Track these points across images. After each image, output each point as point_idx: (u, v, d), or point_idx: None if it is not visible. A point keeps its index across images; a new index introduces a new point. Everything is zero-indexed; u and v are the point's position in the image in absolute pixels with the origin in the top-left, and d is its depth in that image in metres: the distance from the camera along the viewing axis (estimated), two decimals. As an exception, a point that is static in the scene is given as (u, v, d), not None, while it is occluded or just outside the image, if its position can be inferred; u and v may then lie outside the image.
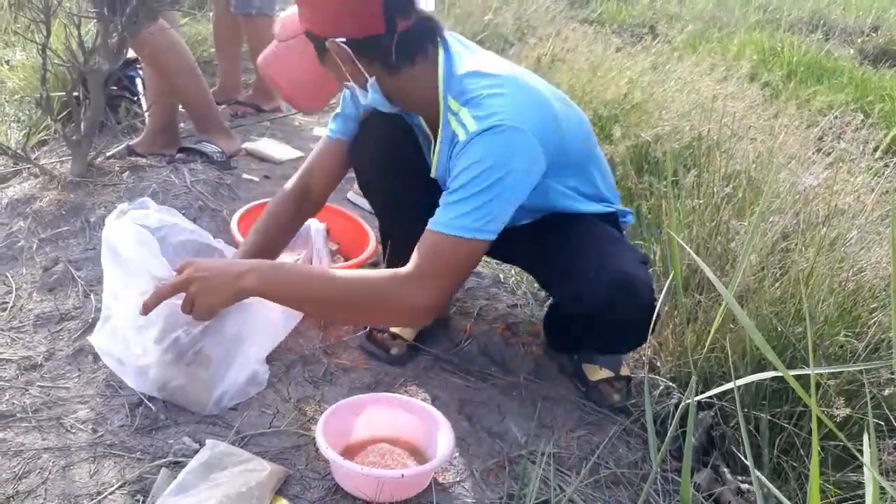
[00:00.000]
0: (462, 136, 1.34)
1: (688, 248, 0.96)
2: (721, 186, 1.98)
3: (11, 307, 1.65)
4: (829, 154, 2.06)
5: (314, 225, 1.73)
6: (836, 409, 1.24)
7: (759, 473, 0.84)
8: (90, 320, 1.61)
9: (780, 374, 1.54)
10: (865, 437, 0.85)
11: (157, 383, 1.39)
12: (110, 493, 1.22)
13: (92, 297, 1.69)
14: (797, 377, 1.46)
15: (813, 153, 2.13)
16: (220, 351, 1.44)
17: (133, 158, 2.23)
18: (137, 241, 1.39)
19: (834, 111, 2.38)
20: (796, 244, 1.60)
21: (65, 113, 2.43)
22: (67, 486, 1.23)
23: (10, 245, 1.82)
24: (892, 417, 1.21)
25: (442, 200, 1.36)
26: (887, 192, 1.84)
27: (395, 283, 1.33)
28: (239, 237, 1.80)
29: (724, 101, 2.37)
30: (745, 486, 1.53)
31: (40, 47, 1.92)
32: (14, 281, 1.73)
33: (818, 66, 5.48)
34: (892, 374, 1.31)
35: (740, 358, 1.56)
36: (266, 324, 1.52)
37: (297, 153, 2.76)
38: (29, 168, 2.15)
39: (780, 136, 2.09)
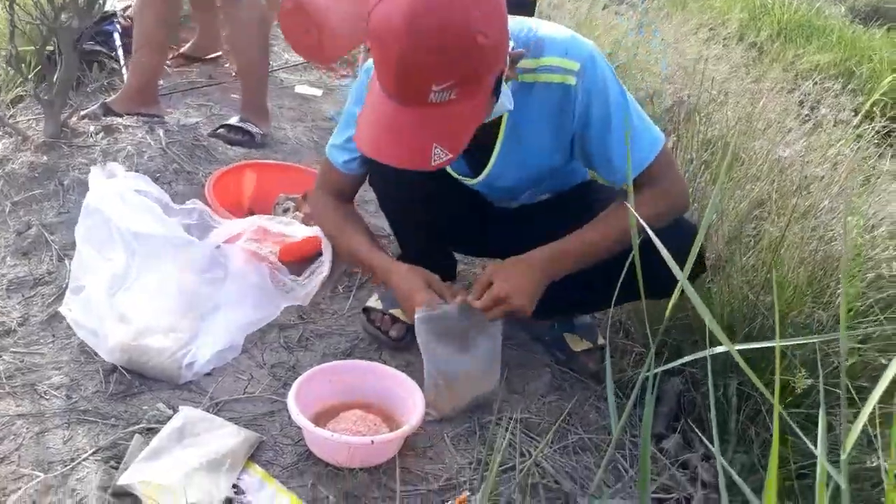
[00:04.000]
0: (573, 80, 1.25)
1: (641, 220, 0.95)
2: (699, 153, 1.98)
3: (-16, 272, 1.64)
4: (808, 121, 2.06)
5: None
6: (797, 379, 1.27)
7: (723, 462, 0.86)
8: (64, 286, 1.60)
9: (753, 344, 1.57)
10: (821, 411, 0.87)
11: (126, 359, 1.40)
12: (84, 459, 1.23)
13: (66, 261, 1.68)
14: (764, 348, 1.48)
15: (792, 119, 2.13)
16: (192, 323, 1.45)
17: (108, 119, 2.19)
18: (142, 209, 1.40)
19: (815, 76, 2.37)
20: (769, 213, 1.61)
21: (37, 69, 2.38)
22: (41, 452, 1.24)
23: (-17, 208, 1.81)
24: (850, 386, 1.24)
25: (612, 148, 1.30)
26: (863, 159, 1.85)
27: (663, 203, 1.32)
28: (214, 201, 1.78)
29: (708, 64, 2.35)
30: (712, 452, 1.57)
31: (7, 2, 1.88)
32: (-13, 245, 1.72)
33: (808, 24, 5.43)
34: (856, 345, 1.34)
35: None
36: (247, 296, 1.52)
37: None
38: (3, 127, 2.12)
39: (761, 101, 2.08)
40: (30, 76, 2.16)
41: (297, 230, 1.70)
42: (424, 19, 1.02)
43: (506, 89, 1.24)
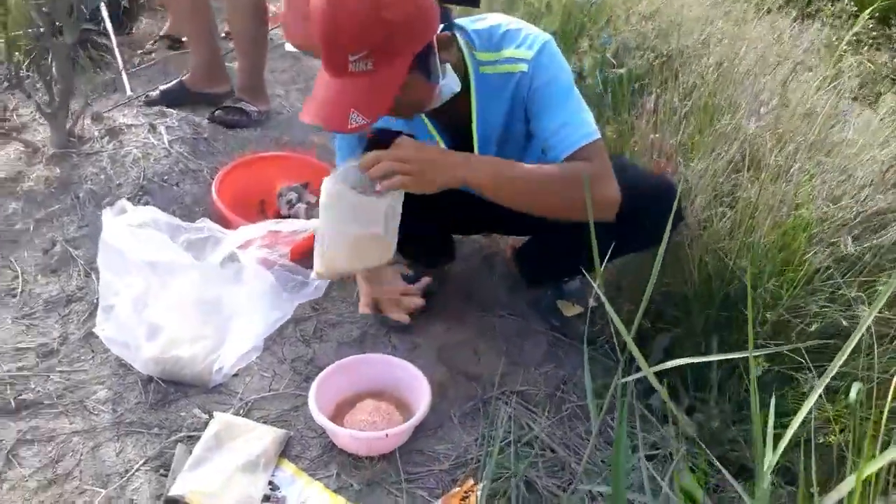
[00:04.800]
0: (525, 67, 1.40)
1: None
2: (682, 102, 2.04)
3: (21, 292, 1.78)
4: (787, 60, 2.10)
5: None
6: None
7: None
8: (95, 301, 1.75)
9: (728, 302, 1.68)
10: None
11: (160, 370, 1.56)
12: (136, 470, 1.41)
13: (93, 276, 1.82)
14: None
15: (770, 69, 2.16)
16: (215, 331, 1.59)
17: (109, 118, 2.28)
18: (152, 241, 1.55)
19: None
20: (742, 179, 1.70)
21: (33, 69, 2.44)
22: (99, 467, 1.42)
23: (9, 227, 1.93)
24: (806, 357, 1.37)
25: (548, 124, 1.42)
26: (836, 106, 1.90)
27: (593, 175, 1.38)
28: (219, 203, 1.89)
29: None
30: (696, 404, 1.72)
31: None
32: (18, 265, 1.85)
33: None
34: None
35: (689, 291, 1.71)
36: (264, 300, 1.66)
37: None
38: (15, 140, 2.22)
39: (742, 48, 2.11)
40: (29, 87, 2.23)
41: (306, 224, 1.81)
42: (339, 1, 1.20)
43: (450, 72, 1.39)
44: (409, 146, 1.37)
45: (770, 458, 0.91)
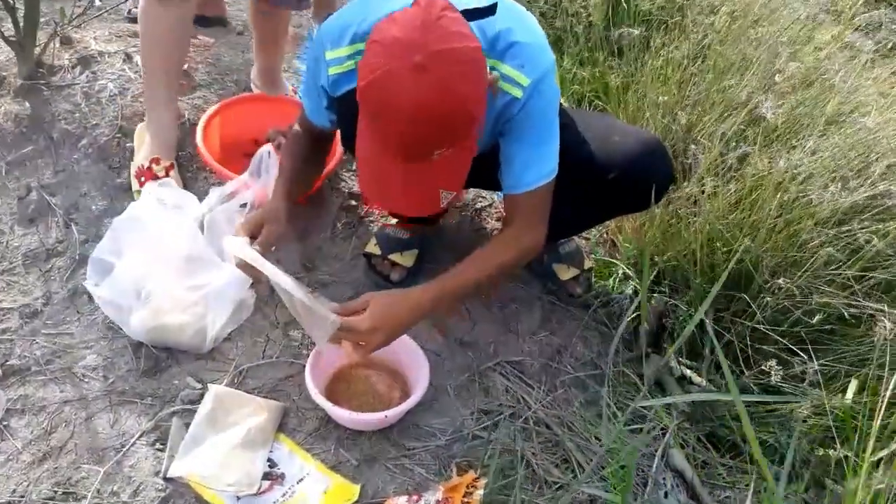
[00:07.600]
0: (519, 94, 1.32)
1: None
2: (689, 60, 1.97)
3: (-2, 245, 1.71)
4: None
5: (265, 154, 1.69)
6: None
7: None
8: (76, 256, 1.68)
9: (730, 283, 1.69)
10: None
11: (150, 339, 1.52)
12: (132, 445, 1.39)
13: (73, 227, 1.74)
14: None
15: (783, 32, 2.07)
16: (204, 296, 1.55)
17: (80, 41, 2.11)
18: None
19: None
20: (752, 148, 1.66)
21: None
22: (94, 440, 1.40)
23: (-21, 171, 1.82)
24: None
25: (517, 156, 1.39)
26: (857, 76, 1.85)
27: (523, 247, 1.44)
28: (203, 150, 1.80)
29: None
30: (687, 373, 1.75)
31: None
32: (-8, 213, 1.76)
33: None
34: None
35: (689, 263, 1.70)
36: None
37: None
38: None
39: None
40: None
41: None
42: (426, 110, 1.10)
43: None
44: (373, 313, 1.31)
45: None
